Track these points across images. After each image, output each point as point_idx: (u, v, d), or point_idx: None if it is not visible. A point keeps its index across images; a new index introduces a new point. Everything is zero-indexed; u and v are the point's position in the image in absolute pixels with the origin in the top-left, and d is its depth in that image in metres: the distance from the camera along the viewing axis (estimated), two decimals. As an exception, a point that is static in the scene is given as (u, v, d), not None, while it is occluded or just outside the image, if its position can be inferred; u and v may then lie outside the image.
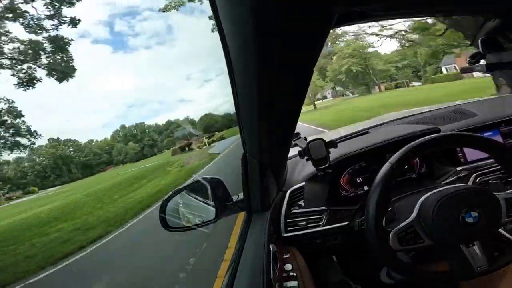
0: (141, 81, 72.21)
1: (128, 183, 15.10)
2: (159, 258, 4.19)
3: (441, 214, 0.62)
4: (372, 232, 0.66)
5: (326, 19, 0.30)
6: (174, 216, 0.91)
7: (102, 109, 66.02)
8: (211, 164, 14.69)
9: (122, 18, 60.67)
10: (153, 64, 72.61)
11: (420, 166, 1.06)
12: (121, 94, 68.37)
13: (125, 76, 70.47)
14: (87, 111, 64.42)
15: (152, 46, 69.99)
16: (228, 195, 0.92)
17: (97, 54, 62.37)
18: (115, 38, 62.71)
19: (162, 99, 75.43)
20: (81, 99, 63.14)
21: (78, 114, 64.01)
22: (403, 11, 0.64)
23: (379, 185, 0.66)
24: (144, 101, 71.76)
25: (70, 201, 13.98)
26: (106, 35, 62.15)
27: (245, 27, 0.28)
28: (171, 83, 77.14)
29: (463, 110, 1.24)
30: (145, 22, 64.37)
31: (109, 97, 65.67)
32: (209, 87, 77.95)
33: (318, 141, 0.92)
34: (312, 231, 0.94)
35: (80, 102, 63.93)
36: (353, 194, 1.05)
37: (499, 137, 1.06)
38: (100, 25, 60.56)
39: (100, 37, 61.05)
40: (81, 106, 65.11)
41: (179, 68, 79.66)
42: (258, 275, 0.60)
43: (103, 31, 61.72)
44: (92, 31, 59.14)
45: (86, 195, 14.79)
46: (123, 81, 69.27)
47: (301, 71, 0.38)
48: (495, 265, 0.64)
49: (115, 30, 62.32)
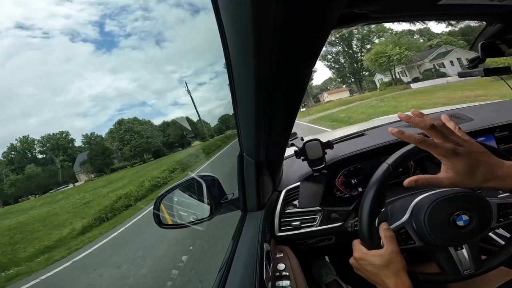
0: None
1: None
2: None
3: (433, 216, 0.63)
4: (364, 230, 0.66)
5: (326, 20, 0.29)
6: (168, 213, 0.91)
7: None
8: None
9: (112, 17, 59.44)
10: (147, 65, 71.19)
11: (414, 169, 1.07)
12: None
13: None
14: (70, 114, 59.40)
15: (145, 46, 68.50)
16: (223, 193, 0.92)
17: (82, 54, 60.13)
18: (105, 38, 61.28)
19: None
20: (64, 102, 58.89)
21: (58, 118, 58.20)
22: (404, 14, 0.64)
23: (374, 184, 0.66)
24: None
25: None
26: (97, 35, 60.54)
27: (245, 26, 0.27)
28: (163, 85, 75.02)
29: (459, 114, 1.24)
30: (137, 22, 63.28)
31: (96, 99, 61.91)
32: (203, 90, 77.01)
33: (314, 141, 0.92)
34: (305, 231, 0.95)
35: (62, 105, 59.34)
36: (348, 195, 1.05)
37: (494, 143, 1.08)
38: (89, 25, 59.19)
39: (89, 37, 59.63)
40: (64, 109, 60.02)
41: (175, 69, 78.56)
42: (251, 274, 0.60)
43: (92, 31, 60.23)
44: (81, 30, 57.73)
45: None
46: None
47: (300, 72, 0.38)
48: (481, 269, 0.65)
49: (105, 30, 61.03)
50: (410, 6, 0.60)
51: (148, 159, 34.76)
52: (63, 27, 58.11)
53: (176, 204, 0.91)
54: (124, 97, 60.56)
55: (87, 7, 60.34)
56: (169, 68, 78.33)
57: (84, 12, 59.09)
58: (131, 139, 34.64)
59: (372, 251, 0.65)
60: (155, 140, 37.26)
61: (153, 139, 36.97)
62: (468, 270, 0.65)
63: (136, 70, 72.44)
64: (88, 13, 59.18)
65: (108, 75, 67.19)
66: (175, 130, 38.81)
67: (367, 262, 0.65)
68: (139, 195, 11.15)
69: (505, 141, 1.08)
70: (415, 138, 0.55)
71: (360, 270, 0.68)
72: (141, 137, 35.36)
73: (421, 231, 0.65)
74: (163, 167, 16.66)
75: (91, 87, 62.03)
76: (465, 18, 0.73)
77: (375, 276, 0.64)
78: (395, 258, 0.62)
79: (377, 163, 0.75)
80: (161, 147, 37.45)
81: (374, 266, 0.63)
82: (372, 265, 0.64)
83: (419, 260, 0.85)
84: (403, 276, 0.61)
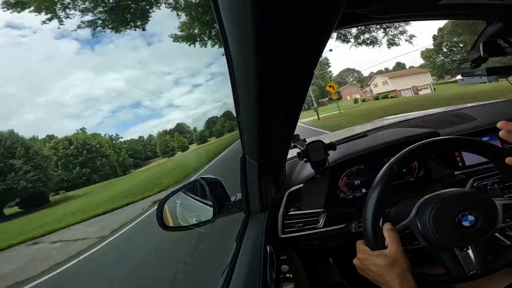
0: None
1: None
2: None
3: (438, 217, 0.63)
4: (368, 230, 0.66)
5: (328, 21, 0.29)
6: (172, 215, 0.91)
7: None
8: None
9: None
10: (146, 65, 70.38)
11: (418, 170, 1.06)
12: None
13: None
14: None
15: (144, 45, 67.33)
16: (226, 195, 0.92)
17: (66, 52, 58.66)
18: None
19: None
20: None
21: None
22: (404, 14, 0.64)
23: (378, 184, 0.66)
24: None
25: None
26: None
27: (246, 28, 0.27)
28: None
29: (462, 114, 1.24)
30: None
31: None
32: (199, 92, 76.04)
33: (317, 143, 0.92)
34: (309, 233, 0.94)
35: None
36: (351, 197, 1.05)
37: (498, 142, 1.07)
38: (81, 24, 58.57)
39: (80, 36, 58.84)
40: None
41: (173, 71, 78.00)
42: (254, 276, 0.60)
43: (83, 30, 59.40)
44: (71, 29, 56.87)
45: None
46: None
47: (302, 73, 0.38)
48: (487, 270, 0.65)
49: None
50: (410, 6, 0.60)
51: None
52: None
53: (180, 206, 0.91)
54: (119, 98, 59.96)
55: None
56: (164, 69, 77.84)
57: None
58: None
59: (376, 251, 0.64)
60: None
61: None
62: (473, 270, 0.64)
63: (126, 71, 71.65)
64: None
65: (105, 75, 66.79)
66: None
67: (371, 262, 0.64)
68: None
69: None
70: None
71: (364, 270, 0.68)
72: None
73: (426, 232, 0.64)
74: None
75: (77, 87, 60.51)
76: (466, 18, 0.73)
77: (380, 276, 0.63)
78: (399, 258, 0.61)
79: (380, 163, 0.74)
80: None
81: (378, 267, 0.63)
82: (376, 266, 0.63)
83: (424, 260, 0.84)
84: (408, 277, 0.61)
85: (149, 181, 18.47)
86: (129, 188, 17.47)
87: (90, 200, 18.03)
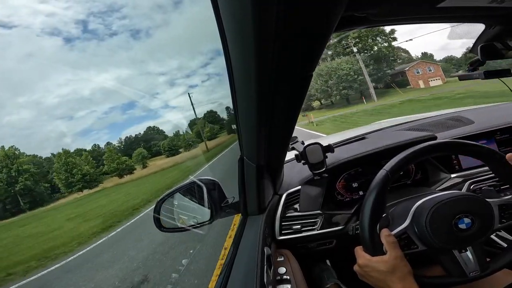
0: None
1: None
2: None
3: (434, 220, 0.63)
4: (366, 237, 0.66)
5: (327, 24, 0.29)
6: (169, 217, 0.90)
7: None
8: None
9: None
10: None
11: (416, 173, 1.07)
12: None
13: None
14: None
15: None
16: (224, 197, 0.91)
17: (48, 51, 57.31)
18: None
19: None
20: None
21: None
22: (403, 17, 0.64)
23: (374, 190, 0.66)
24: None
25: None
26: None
27: (246, 30, 0.27)
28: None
29: (460, 117, 1.24)
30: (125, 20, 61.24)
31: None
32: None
33: (315, 145, 0.92)
34: (306, 235, 0.94)
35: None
36: (349, 199, 1.05)
37: (495, 145, 1.07)
38: (72, 23, 58.07)
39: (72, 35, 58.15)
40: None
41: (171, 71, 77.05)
42: (252, 278, 0.59)
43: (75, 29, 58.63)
44: (63, 28, 56.09)
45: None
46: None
47: (301, 75, 0.38)
48: (487, 271, 0.65)
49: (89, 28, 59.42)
50: (409, 9, 0.60)
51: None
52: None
53: (177, 207, 0.90)
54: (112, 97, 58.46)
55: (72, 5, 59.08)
56: (159, 69, 76.89)
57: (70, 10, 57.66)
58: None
59: (376, 257, 0.64)
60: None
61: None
62: (474, 271, 0.64)
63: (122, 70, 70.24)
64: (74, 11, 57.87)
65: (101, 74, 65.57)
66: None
67: (372, 268, 0.64)
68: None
69: (506, 144, 1.08)
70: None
71: (365, 277, 0.68)
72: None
73: (423, 236, 0.64)
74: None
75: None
76: (464, 21, 0.74)
77: (382, 282, 0.63)
78: (400, 263, 0.61)
79: (378, 166, 0.75)
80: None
81: (379, 273, 0.63)
82: (377, 272, 0.63)
83: (423, 263, 0.84)
84: (410, 281, 0.61)
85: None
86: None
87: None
